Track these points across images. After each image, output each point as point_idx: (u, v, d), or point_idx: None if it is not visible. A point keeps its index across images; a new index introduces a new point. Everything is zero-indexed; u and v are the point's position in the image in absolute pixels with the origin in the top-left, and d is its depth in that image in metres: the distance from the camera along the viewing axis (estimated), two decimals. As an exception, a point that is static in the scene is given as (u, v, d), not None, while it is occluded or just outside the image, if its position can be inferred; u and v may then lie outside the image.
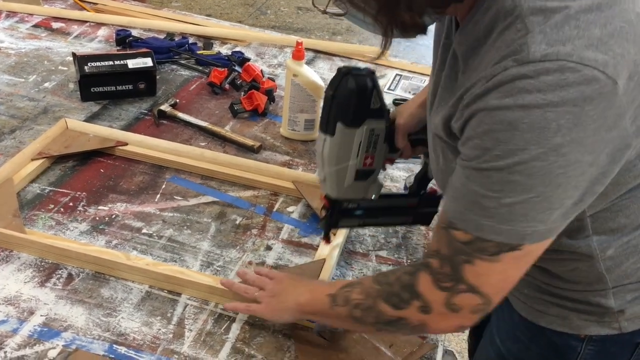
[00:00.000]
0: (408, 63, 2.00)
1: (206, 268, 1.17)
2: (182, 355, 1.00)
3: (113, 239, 1.21)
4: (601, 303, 0.88)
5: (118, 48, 1.86)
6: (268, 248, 1.23)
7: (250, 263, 1.19)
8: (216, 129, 1.54)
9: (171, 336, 1.02)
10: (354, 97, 0.97)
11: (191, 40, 1.94)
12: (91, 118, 1.55)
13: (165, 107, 1.59)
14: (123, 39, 1.86)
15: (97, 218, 1.25)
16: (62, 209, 1.26)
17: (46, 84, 1.67)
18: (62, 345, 0.99)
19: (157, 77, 1.68)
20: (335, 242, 1.21)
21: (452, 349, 2.08)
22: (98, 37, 1.94)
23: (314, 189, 1.33)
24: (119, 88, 1.62)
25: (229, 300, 1.08)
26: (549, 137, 0.66)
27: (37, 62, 1.77)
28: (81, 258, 1.12)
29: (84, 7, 2.11)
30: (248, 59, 1.85)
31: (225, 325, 1.06)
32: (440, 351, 1.07)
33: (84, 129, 1.46)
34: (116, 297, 1.08)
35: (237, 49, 1.94)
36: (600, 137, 0.68)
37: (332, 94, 0.98)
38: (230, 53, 1.89)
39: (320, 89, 1.50)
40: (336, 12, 0.74)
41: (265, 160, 1.47)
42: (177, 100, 1.64)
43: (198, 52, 1.88)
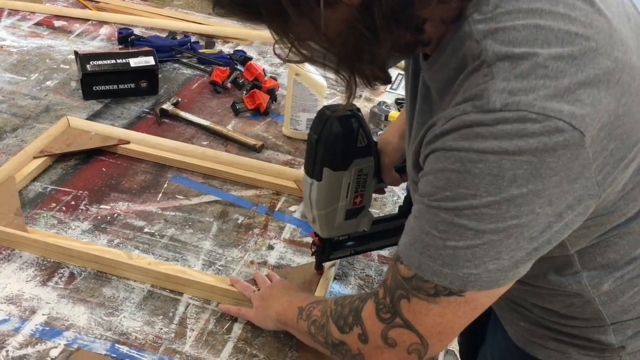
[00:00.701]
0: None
1: (208, 267, 1.16)
2: (184, 354, 1.00)
3: (115, 238, 1.21)
4: (601, 339, 0.85)
5: (120, 46, 1.86)
6: (270, 247, 1.23)
7: (252, 263, 1.19)
8: (218, 128, 1.54)
9: (173, 336, 1.02)
10: (340, 141, 0.93)
11: (193, 39, 1.94)
12: (93, 117, 1.55)
13: (167, 106, 1.59)
14: (125, 38, 1.86)
15: (99, 217, 1.25)
16: (64, 208, 1.26)
17: (48, 83, 1.67)
18: (64, 344, 0.99)
19: (159, 76, 1.67)
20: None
21: (453, 349, 2.08)
22: (100, 36, 1.94)
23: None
24: (121, 87, 1.62)
25: (230, 300, 1.08)
26: (504, 187, 0.62)
27: (39, 61, 1.77)
28: (83, 257, 1.12)
29: (86, 5, 2.12)
30: (250, 58, 1.85)
31: (227, 324, 1.06)
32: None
33: (86, 127, 1.46)
34: (118, 297, 1.08)
35: (240, 48, 1.94)
36: (561, 189, 0.64)
37: (317, 138, 0.93)
38: (232, 52, 1.88)
39: (322, 88, 1.50)
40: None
41: (267, 159, 1.47)
42: (179, 99, 1.64)
43: (200, 51, 1.88)
